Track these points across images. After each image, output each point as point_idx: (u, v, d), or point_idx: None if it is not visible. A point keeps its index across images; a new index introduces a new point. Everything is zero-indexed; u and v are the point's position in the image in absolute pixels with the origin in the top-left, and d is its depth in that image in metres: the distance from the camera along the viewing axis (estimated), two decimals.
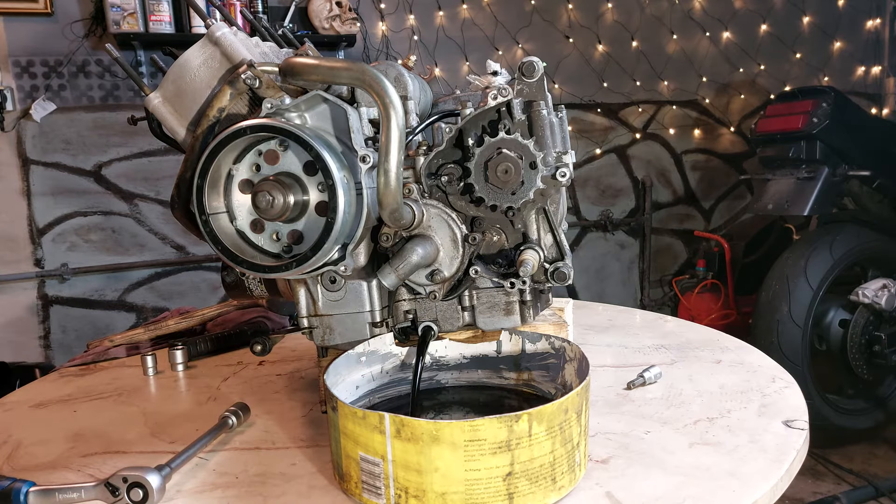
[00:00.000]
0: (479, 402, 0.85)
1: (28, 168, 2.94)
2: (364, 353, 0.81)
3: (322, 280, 0.78)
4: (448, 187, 0.79)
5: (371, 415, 0.62)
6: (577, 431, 0.66)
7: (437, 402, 0.85)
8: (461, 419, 0.81)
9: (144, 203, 3.11)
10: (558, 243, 0.81)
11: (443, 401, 0.85)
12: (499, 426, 0.60)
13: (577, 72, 3.62)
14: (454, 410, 0.83)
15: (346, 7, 3.03)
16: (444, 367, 0.87)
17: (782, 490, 0.69)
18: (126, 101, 3.03)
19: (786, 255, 2.58)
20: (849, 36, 3.97)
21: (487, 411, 0.84)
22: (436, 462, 0.60)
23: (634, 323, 1.32)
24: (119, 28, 2.74)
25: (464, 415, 0.82)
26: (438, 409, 0.83)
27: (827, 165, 2.67)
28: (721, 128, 3.92)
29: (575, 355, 0.78)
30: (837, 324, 2.58)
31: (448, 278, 0.80)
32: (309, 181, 0.72)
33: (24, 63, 2.88)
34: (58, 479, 0.73)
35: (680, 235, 3.97)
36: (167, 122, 0.80)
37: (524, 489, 0.62)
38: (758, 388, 0.93)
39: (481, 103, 0.79)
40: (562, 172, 0.75)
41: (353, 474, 0.65)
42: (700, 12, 3.75)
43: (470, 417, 0.82)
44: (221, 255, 0.72)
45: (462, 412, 0.83)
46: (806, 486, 2.37)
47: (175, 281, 3.19)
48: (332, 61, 0.70)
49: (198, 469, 0.75)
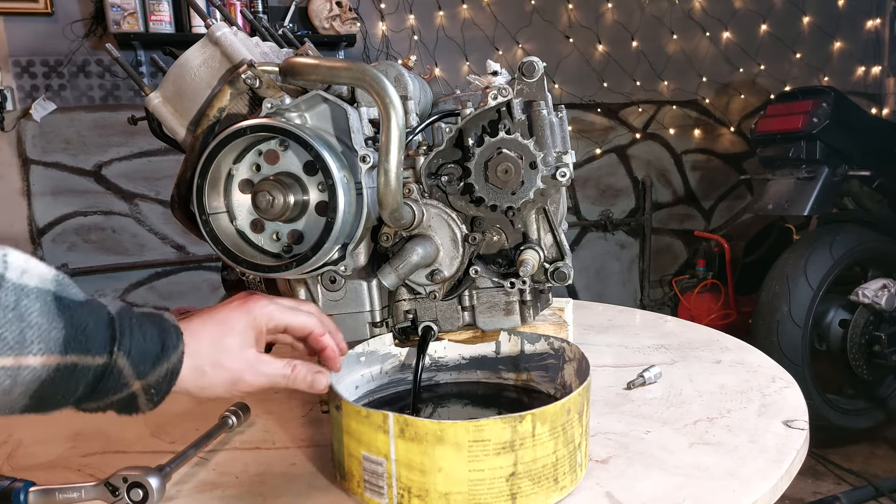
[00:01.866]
0: (478, 394, 0.85)
1: (28, 168, 2.94)
2: (363, 353, 0.81)
3: (322, 280, 0.78)
4: (448, 187, 0.79)
5: (375, 414, 0.62)
6: (578, 432, 0.66)
7: (435, 394, 0.85)
8: (460, 411, 0.82)
9: (144, 203, 3.11)
10: (558, 243, 0.81)
11: (441, 393, 0.85)
12: (503, 426, 0.60)
13: (577, 72, 3.62)
14: (453, 403, 0.83)
15: (346, 7, 3.03)
16: (443, 368, 0.87)
17: (782, 490, 0.69)
18: (126, 101, 3.03)
19: (786, 255, 2.58)
20: (849, 36, 3.97)
21: (486, 403, 0.84)
22: (439, 462, 0.60)
23: (634, 323, 1.32)
24: (119, 28, 2.74)
25: (462, 407, 0.83)
26: (437, 401, 0.83)
27: (827, 165, 2.66)
28: (721, 128, 3.92)
29: (574, 356, 0.78)
30: (837, 324, 2.58)
31: (448, 278, 0.80)
32: (309, 181, 0.72)
33: (24, 63, 2.88)
34: (58, 479, 0.73)
35: (680, 235, 3.97)
36: (167, 121, 0.80)
37: (527, 489, 0.62)
38: (758, 388, 0.93)
39: (481, 103, 0.79)
40: (562, 172, 0.75)
41: (355, 473, 0.65)
42: (700, 12, 3.75)
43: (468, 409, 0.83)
44: (221, 254, 0.72)
45: (460, 404, 0.83)
46: (806, 486, 2.37)
47: (175, 281, 3.19)
48: (332, 61, 0.70)
49: (198, 469, 0.75)
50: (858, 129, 2.72)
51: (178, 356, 0.57)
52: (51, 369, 0.49)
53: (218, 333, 0.61)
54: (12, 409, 0.50)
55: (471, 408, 0.83)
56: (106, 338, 0.52)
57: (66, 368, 0.50)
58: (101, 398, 0.54)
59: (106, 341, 0.52)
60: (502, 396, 0.85)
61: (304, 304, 0.71)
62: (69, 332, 0.49)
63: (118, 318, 0.54)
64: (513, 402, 0.84)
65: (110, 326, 0.53)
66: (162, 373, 0.56)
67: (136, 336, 0.54)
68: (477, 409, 0.83)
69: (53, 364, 0.49)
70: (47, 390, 0.50)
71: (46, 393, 0.50)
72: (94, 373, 0.51)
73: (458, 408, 0.83)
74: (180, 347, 0.57)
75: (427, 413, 0.80)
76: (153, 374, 0.55)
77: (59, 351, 0.49)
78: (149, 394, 0.56)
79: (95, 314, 0.52)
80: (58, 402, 0.51)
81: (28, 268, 0.50)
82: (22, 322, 0.47)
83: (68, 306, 0.51)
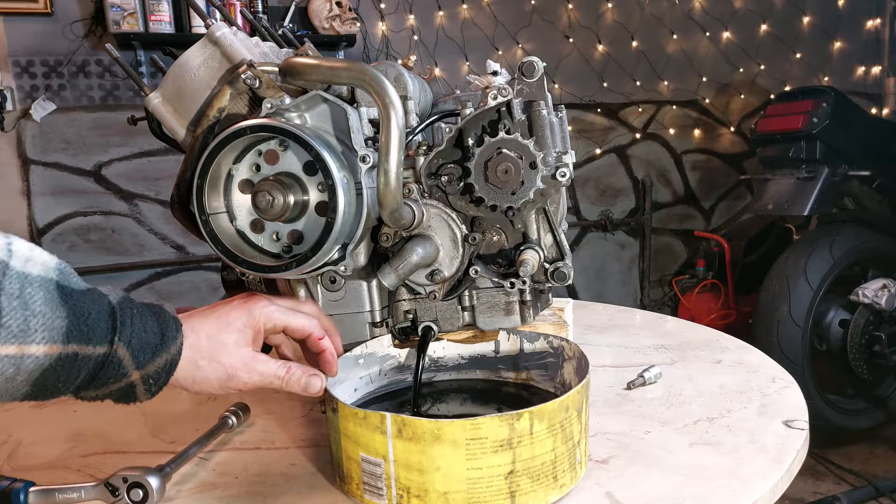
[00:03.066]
0: (477, 389, 0.85)
1: (28, 168, 2.94)
2: (362, 355, 0.81)
3: (322, 280, 0.78)
4: (448, 187, 0.79)
5: (372, 415, 0.62)
6: (577, 429, 0.66)
7: (434, 389, 0.85)
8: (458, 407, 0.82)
9: (144, 203, 3.11)
10: (558, 243, 0.81)
11: (440, 388, 0.85)
12: (500, 424, 0.60)
13: (577, 72, 3.62)
14: (452, 398, 0.83)
15: (346, 7, 3.03)
16: (442, 368, 0.87)
17: (782, 490, 0.69)
18: (126, 101, 3.03)
19: (786, 255, 2.58)
20: (849, 36, 3.97)
21: (485, 397, 0.84)
22: (437, 461, 0.60)
23: (634, 323, 1.32)
24: (119, 28, 2.74)
25: (461, 403, 0.83)
26: (436, 396, 0.84)
27: (827, 165, 2.66)
28: (721, 128, 3.92)
29: (573, 354, 0.78)
30: (837, 324, 2.58)
31: (448, 278, 0.80)
32: (309, 181, 0.72)
33: (24, 63, 2.88)
34: (58, 479, 0.73)
35: (680, 235, 3.97)
36: (167, 122, 0.80)
37: (526, 487, 0.62)
38: (758, 388, 0.93)
39: (481, 103, 0.79)
40: (562, 172, 0.75)
41: (354, 476, 0.65)
42: (700, 12, 3.75)
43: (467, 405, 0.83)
44: (221, 255, 0.72)
45: (459, 399, 0.83)
46: (806, 486, 2.37)
47: (175, 281, 3.19)
48: (332, 61, 0.70)
49: (198, 469, 0.75)
50: (858, 128, 2.72)
51: (178, 348, 0.58)
52: (53, 358, 0.49)
53: (215, 329, 0.62)
54: (13, 395, 0.50)
55: (469, 403, 0.83)
56: (107, 328, 0.52)
57: (67, 358, 0.50)
58: (100, 387, 0.54)
59: (107, 331, 0.52)
60: (501, 391, 0.85)
61: (305, 304, 0.72)
62: (72, 322, 0.50)
63: (119, 308, 0.54)
64: (512, 397, 0.84)
65: (111, 316, 0.53)
66: (161, 363, 0.56)
67: (136, 326, 0.54)
68: (475, 405, 0.83)
69: (56, 353, 0.49)
70: (48, 379, 0.50)
71: (47, 381, 0.50)
72: (95, 362, 0.52)
73: (457, 404, 0.83)
74: (179, 339, 0.58)
75: (426, 408, 0.80)
76: (152, 365, 0.56)
77: (61, 340, 0.49)
78: (147, 384, 0.56)
79: (97, 304, 0.53)
80: (58, 390, 0.52)
81: (32, 256, 0.50)
82: (26, 310, 0.48)
83: (70, 295, 0.51)
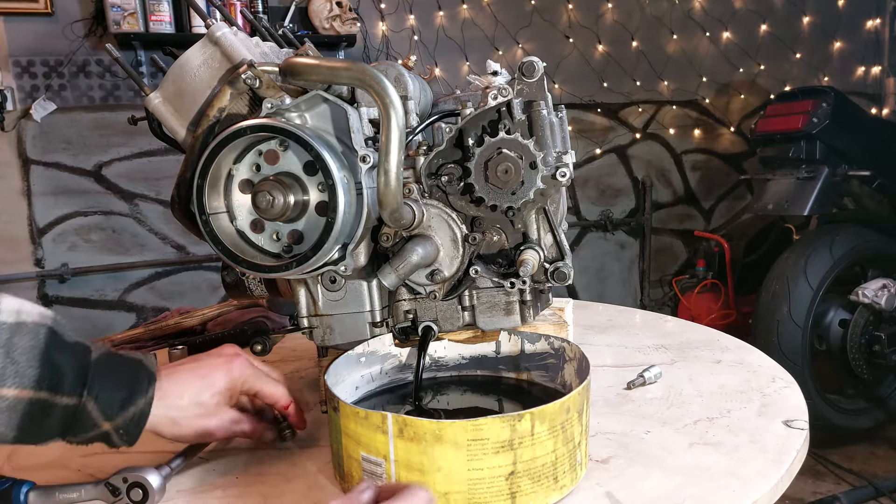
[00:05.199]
0: (477, 381, 0.85)
1: (28, 168, 2.94)
2: (364, 353, 0.81)
3: (322, 280, 0.78)
4: (448, 187, 0.79)
5: (373, 415, 0.62)
6: (578, 430, 0.66)
7: (434, 381, 0.85)
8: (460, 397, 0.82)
9: (144, 203, 3.11)
10: (558, 243, 0.81)
11: (441, 381, 0.85)
12: (501, 425, 0.60)
13: (577, 72, 3.62)
14: (452, 391, 0.83)
15: (346, 7, 3.03)
16: (442, 368, 0.87)
17: (782, 490, 0.69)
18: (126, 101, 3.03)
19: (786, 255, 2.58)
20: (849, 36, 3.97)
21: (485, 390, 0.84)
22: (438, 462, 0.60)
23: (634, 323, 1.32)
24: (119, 28, 2.74)
25: (461, 394, 0.83)
26: (436, 389, 0.84)
27: (827, 165, 2.66)
28: (721, 128, 3.92)
29: (574, 355, 0.78)
30: (837, 324, 2.58)
31: (448, 278, 0.80)
32: (309, 181, 0.72)
33: (24, 63, 2.88)
34: (58, 479, 0.73)
35: (680, 235, 3.97)
36: (167, 122, 0.80)
37: (526, 488, 0.62)
38: (758, 388, 0.93)
39: (481, 103, 0.79)
40: (562, 172, 0.75)
41: (354, 474, 0.65)
42: (700, 12, 3.75)
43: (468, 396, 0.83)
44: (221, 255, 0.72)
45: (460, 391, 0.83)
46: (806, 486, 2.37)
47: (175, 281, 3.19)
48: (332, 61, 0.70)
49: (198, 469, 0.75)
50: (858, 129, 2.72)
51: (147, 401, 0.63)
52: (24, 402, 0.56)
53: (197, 390, 0.68)
54: (4, 438, 0.57)
55: (470, 394, 0.83)
56: (79, 381, 0.59)
57: (37, 402, 0.57)
58: (78, 434, 0.61)
59: (76, 385, 0.59)
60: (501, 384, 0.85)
61: (273, 371, 0.78)
62: (43, 372, 0.57)
63: (94, 364, 0.61)
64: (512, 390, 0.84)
65: (84, 371, 0.60)
66: (129, 416, 0.62)
67: (105, 383, 0.61)
68: (476, 395, 0.83)
69: (26, 397, 0.56)
70: (26, 422, 0.57)
71: (27, 425, 0.57)
72: (66, 410, 0.59)
73: (457, 395, 0.83)
74: (150, 393, 0.63)
75: (427, 400, 0.80)
76: (121, 417, 0.61)
77: (31, 387, 0.56)
78: (118, 434, 0.62)
79: (76, 358, 0.60)
80: (41, 434, 0.59)
81: (23, 308, 0.59)
82: (6, 357, 0.55)
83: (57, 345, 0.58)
